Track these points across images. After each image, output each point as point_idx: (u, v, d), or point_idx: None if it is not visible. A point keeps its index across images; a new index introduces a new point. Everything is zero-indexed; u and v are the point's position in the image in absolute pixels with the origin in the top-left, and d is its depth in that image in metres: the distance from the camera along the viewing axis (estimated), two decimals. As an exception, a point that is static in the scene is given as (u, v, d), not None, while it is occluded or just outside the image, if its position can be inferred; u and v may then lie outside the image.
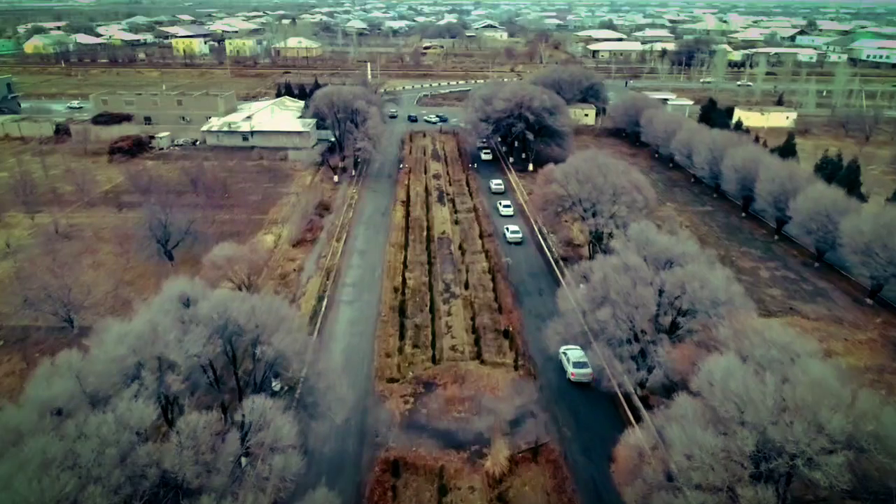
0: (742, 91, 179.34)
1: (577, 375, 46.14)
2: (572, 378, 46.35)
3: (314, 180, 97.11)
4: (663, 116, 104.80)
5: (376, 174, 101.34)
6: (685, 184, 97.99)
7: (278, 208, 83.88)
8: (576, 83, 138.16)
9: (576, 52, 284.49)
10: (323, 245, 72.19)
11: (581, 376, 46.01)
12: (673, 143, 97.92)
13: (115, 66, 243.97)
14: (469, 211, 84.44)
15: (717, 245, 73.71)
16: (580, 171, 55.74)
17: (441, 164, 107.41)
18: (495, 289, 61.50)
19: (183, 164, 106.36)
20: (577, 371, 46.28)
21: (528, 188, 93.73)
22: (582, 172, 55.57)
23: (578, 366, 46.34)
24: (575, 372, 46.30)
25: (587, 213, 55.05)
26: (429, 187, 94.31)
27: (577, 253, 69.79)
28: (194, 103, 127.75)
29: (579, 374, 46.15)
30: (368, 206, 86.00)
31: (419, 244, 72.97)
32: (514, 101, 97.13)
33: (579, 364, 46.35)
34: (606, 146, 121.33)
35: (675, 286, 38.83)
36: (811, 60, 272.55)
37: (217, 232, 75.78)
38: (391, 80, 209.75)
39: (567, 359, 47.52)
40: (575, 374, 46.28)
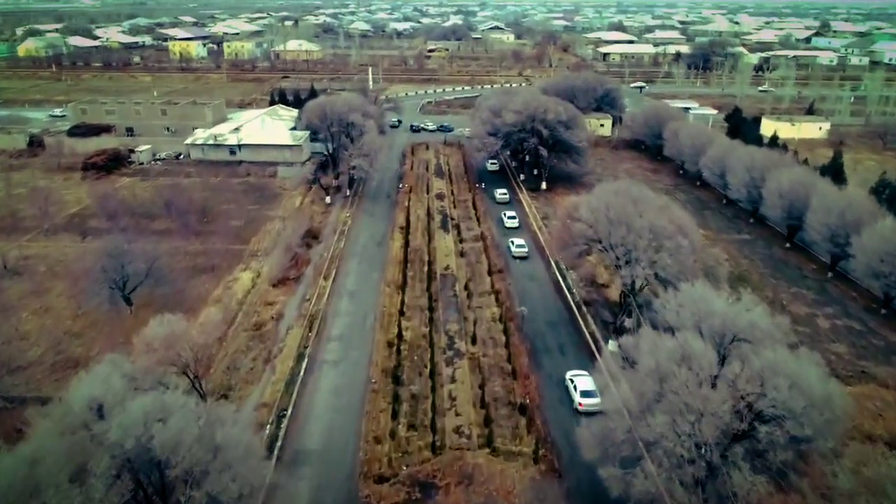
0: (764, 97, 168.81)
1: (586, 405, 43.08)
2: (580, 408, 43.47)
3: (304, 202, 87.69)
4: (690, 130, 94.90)
5: (373, 194, 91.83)
6: (716, 205, 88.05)
7: (261, 237, 74.47)
8: (590, 91, 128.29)
9: (586, 55, 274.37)
10: (308, 284, 62.68)
11: (590, 406, 42.56)
12: (702, 160, 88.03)
13: (109, 69, 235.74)
14: (476, 239, 74.83)
15: (762, 284, 63.88)
16: (611, 207, 46.02)
17: (445, 181, 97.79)
18: (508, 343, 51.87)
19: (163, 181, 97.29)
20: (585, 401, 43.45)
21: (542, 211, 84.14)
22: (613, 209, 45.82)
23: (587, 395, 43.68)
24: (583, 402, 43.52)
25: (620, 260, 45.30)
26: (431, 210, 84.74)
27: (602, 295, 60.08)
28: (180, 113, 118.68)
29: (588, 404, 43.05)
30: (363, 234, 76.48)
31: (419, 283, 63.39)
32: (525, 114, 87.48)
33: (588, 393, 43.72)
34: (625, 160, 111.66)
35: (750, 382, 29.16)
36: (832, 63, 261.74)
37: (188, 267, 66.56)
38: (394, 84, 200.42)
39: (574, 386, 45.08)
40: (583, 403, 43.44)
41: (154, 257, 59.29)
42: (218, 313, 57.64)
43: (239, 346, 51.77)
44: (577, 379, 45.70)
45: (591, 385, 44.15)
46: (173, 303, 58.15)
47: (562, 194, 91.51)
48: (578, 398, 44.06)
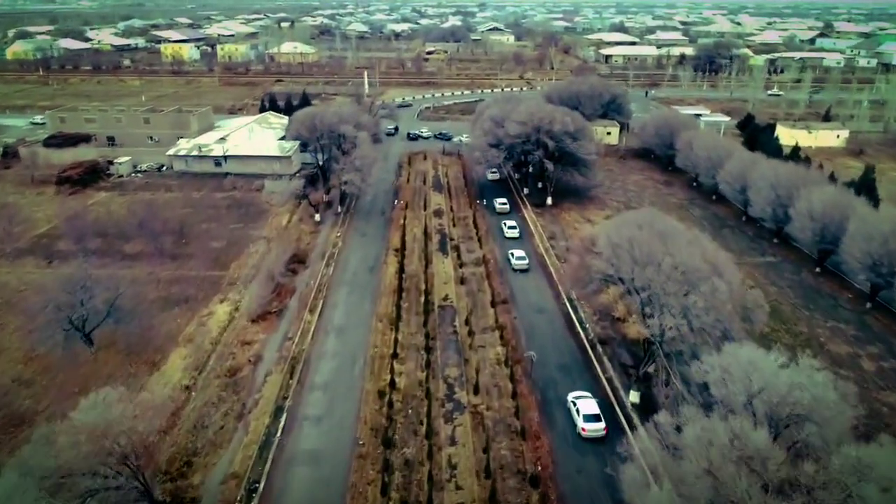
0: (774, 101, 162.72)
1: (589, 431, 40.93)
2: (583, 433, 41.05)
3: (291, 219, 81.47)
4: (706, 141, 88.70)
5: (367, 210, 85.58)
6: (735, 223, 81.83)
7: (242, 261, 68.22)
8: (596, 97, 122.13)
9: (588, 57, 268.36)
10: (292, 319, 56.44)
11: (593, 431, 40.80)
12: (720, 173, 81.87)
13: (99, 73, 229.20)
14: (477, 263, 68.61)
15: (794, 316, 57.78)
16: (635, 243, 39.77)
17: (444, 195, 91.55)
18: (515, 393, 45.66)
19: (142, 196, 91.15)
20: (588, 426, 41.03)
21: (548, 230, 77.93)
22: (638, 246, 39.57)
23: (591, 419, 41.25)
24: (586, 427, 41.07)
25: (647, 306, 39.03)
26: (429, 228, 78.53)
27: (619, 331, 53.69)
28: (164, 121, 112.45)
29: (591, 429, 40.92)
30: (354, 257, 70.21)
31: (415, 316, 57.17)
32: (530, 125, 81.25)
33: (592, 417, 41.35)
34: (634, 171, 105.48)
35: (830, 490, 22.96)
36: (839, 65, 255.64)
37: (160, 297, 60.32)
38: (391, 88, 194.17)
39: (576, 410, 42.35)
40: (586, 429, 41.06)
41: (122, 289, 53.10)
42: (221, 314, 51.59)
43: (209, 398, 45.53)
44: (579, 401, 42.90)
45: (594, 408, 42.03)
46: (140, 342, 52.16)
47: (568, 210, 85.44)
48: (581, 423, 41.39)
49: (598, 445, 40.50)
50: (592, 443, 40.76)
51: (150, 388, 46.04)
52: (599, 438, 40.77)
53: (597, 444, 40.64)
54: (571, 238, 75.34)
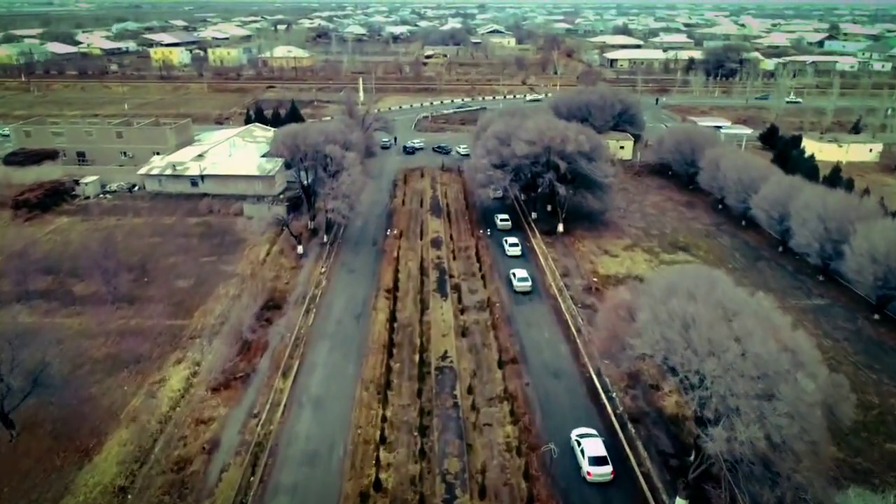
0: (792, 109, 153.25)
1: (595, 475, 37.05)
2: (588, 478, 37.15)
3: (271, 251, 72.25)
4: (736, 160, 79.47)
5: (356, 240, 76.32)
6: (770, 254, 72.62)
7: (210, 307, 58.96)
8: (607, 107, 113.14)
9: (592, 61, 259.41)
10: (260, 386, 47.19)
11: (599, 476, 37.03)
12: (755, 198, 72.70)
13: (84, 78, 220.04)
14: (481, 307, 59.40)
15: (859, 381, 48.49)
16: (689, 321, 30.55)
17: (443, 221, 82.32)
18: (531, 497, 36.40)
19: (107, 221, 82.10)
20: (594, 469, 37.13)
21: (561, 264, 68.72)
22: (694, 326, 30.34)
23: (597, 462, 37.39)
24: (592, 471, 37.16)
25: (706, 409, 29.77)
26: (426, 263, 69.32)
27: (654, 404, 44.61)
28: (138, 135, 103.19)
29: (597, 472, 37.07)
30: (339, 301, 60.93)
31: (407, 381, 47.95)
32: (540, 145, 72.09)
33: (598, 460, 37.48)
34: (652, 190, 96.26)
35: None
36: (853, 69, 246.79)
37: (107, 355, 51.11)
38: (387, 96, 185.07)
39: (581, 450, 38.51)
40: (592, 473, 37.13)
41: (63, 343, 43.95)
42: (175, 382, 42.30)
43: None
44: (584, 441, 39.08)
45: (601, 449, 38.23)
46: (74, 421, 43.01)
47: (581, 238, 76.28)
48: (587, 466, 37.46)
49: None
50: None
51: (76, 491, 36.85)
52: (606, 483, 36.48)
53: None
54: (587, 274, 66.31)
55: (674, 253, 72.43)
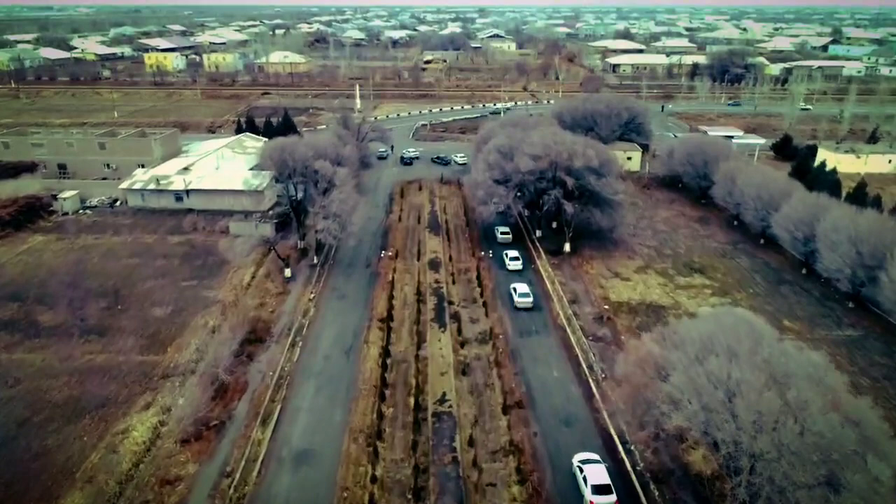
0: (802, 116, 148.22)
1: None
2: None
3: (257, 273, 67.25)
4: (755, 176, 74.51)
5: (348, 261, 71.28)
6: (793, 277, 67.54)
7: (186, 340, 53.90)
8: (613, 116, 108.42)
9: (594, 66, 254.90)
10: (236, 437, 42.12)
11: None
12: (776, 217, 67.73)
13: (76, 84, 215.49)
14: (483, 340, 54.37)
15: (905, 428, 43.34)
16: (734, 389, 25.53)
17: (441, 239, 77.34)
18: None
19: (84, 240, 77.24)
20: (597, 499, 34.77)
21: (568, 289, 63.69)
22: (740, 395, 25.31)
23: (600, 491, 34.98)
24: (595, 500, 34.88)
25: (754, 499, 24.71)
26: (423, 288, 64.31)
27: (679, 460, 39.38)
28: (121, 147, 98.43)
29: (601, 502, 34.64)
30: (328, 333, 55.87)
31: (401, 430, 42.88)
32: (546, 160, 67.17)
33: (601, 488, 35.10)
34: (662, 205, 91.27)
35: None
36: (860, 74, 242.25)
37: (69, 398, 46.11)
38: (385, 102, 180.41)
39: (584, 478, 36.32)
40: (594, 502, 34.84)
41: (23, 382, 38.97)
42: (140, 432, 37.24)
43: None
44: (587, 467, 36.96)
45: (605, 477, 36.14)
46: (19, 482, 37.90)
47: (590, 259, 71.27)
48: (590, 495, 35.31)
49: None
50: None
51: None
52: None
53: None
54: (597, 301, 61.28)
55: (689, 276, 67.40)
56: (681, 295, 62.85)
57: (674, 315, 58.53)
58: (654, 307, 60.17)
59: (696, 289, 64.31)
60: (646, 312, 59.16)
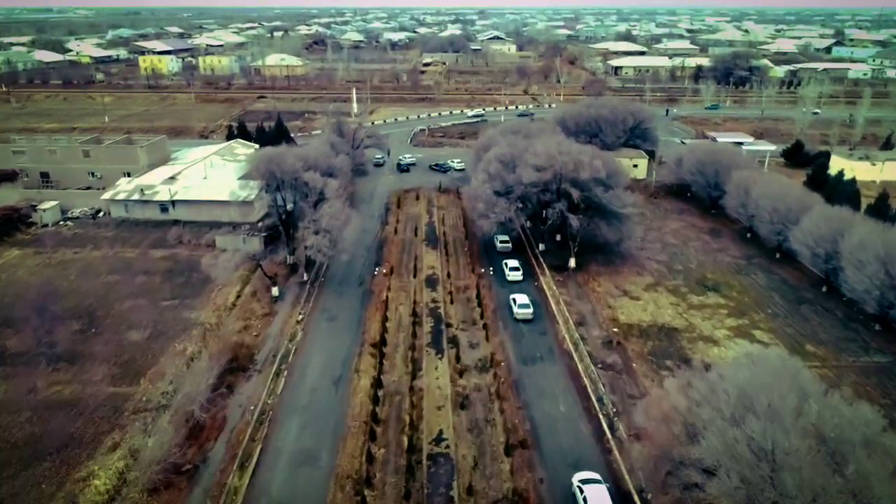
0: (812, 121, 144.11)
1: None
2: None
3: (243, 291, 63.25)
4: (771, 187, 70.50)
5: (340, 278, 67.24)
6: (813, 295, 63.41)
7: (163, 368, 49.81)
8: (618, 122, 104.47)
9: (596, 69, 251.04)
10: (210, 484, 38.06)
11: None
12: (794, 231, 63.69)
13: (68, 88, 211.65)
14: (483, 367, 50.36)
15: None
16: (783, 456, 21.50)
17: (439, 254, 73.29)
18: None
19: (63, 255, 73.31)
20: None
21: (575, 309, 59.65)
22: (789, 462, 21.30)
23: None
24: None
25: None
26: (419, 307, 60.30)
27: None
28: (106, 154, 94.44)
29: None
30: (316, 360, 51.79)
31: (392, 477, 38.81)
32: (550, 171, 63.19)
33: None
34: (671, 215, 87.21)
35: None
36: (866, 77, 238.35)
37: (30, 437, 42.15)
38: (382, 106, 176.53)
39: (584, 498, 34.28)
40: None
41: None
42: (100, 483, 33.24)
43: None
44: (587, 487, 35.46)
45: (606, 499, 34.41)
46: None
47: (596, 276, 67.22)
48: None
49: None
50: None
51: None
52: None
53: None
54: (605, 322, 57.23)
55: (703, 294, 63.34)
56: (695, 316, 58.81)
57: (688, 339, 54.61)
58: (667, 330, 56.14)
59: (710, 309, 60.28)
60: (658, 336, 55.14)
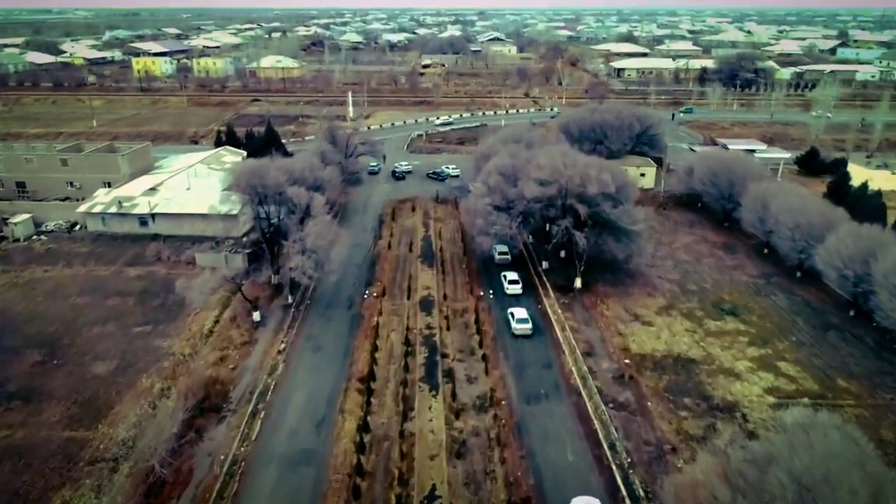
0: (822, 125, 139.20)
1: None
2: None
3: (222, 316, 58.37)
4: (791, 201, 65.44)
5: (328, 300, 62.26)
6: (841, 320, 58.41)
7: (127, 407, 44.88)
8: (625, 128, 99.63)
9: (598, 71, 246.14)
10: (167, 555, 33.21)
11: None
12: (820, 251, 58.74)
13: (60, 90, 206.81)
14: (482, 407, 45.45)
15: None
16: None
17: (435, 272, 68.33)
18: None
19: (32, 272, 68.45)
20: None
21: (583, 337, 54.76)
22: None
23: None
24: None
25: None
26: (412, 334, 55.41)
27: None
28: (86, 163, 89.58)
29: None
30: (296, 399, 46.81)
31: (378, 544, 33.93)
32: (555, 186, 58.28)
33: None
34: (681, 228, 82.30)
35: None
36: (874, 79, 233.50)
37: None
38: (380, 110, 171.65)
39: None
40: None
41: None
42: None
43: None
44: None
45: None
46: None
47: (604, 297, 62.31)
48: None
49: None
50: None
51: None
52: None
53: None
54: (616, 353, 52.33)
55: (720, 319, 58.43)
56: (713, 345, 53.91)
57: (707, 372, 49.71)
58: (684, 361, 51.26)
59: (729, 336, 55.38)
60: (674, 369, 50.25)
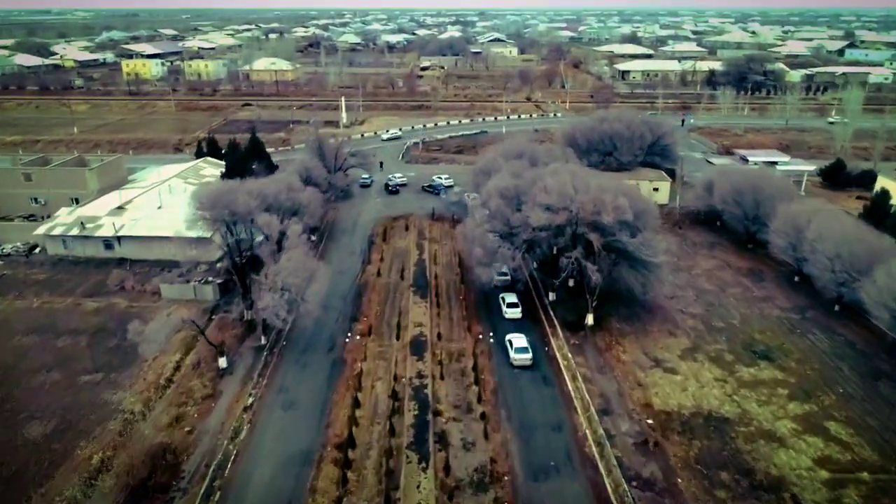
0: (849, 133, 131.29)
1: None
2: None
3: (184, 362, 51.09)
4: (831, 226, 57.87)
5: (307, 341, 54.84)
6: (890, 365, 51.05)
7: (57, 485, 37.62)
8: (636, 138, 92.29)
9: (602, 73, 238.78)
10: None
11: None
12: (868, 288, 51.34)
13: (46, 94, 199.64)
14: (480, 485, 38.10)
15: None
16: None
17: (429, 306, 60.84)
18: None
19: (-21, 305, 61.04)
20: None
21: (596, 386, 47.42)
22: None
23: None
24: None
25: None
26: (400, 385, 48.07)
27: None
28: (51, 178, 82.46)
29: None
30: (260, 474, 39.40)
31: None
32: (564, 214, 50.96)
33: None
34: (701, 250, 74.87)
35: None
36: (888, 82, 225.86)
37: None
38: (375, 115, 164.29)
39: None
40: None
41: None
42: None
43: None
44: None
45: None
46: None
47: (620, 337, 54.95)
48: None
49: None
50: None
51: None
52: None
53: None
54: (637, 410, 44.95)
55: (753, 364, 51.08)
56: (748, 399, 46.58)
57: (744, 436, 42.39)
58: (716, 421, 43.92)
59: (766, 387, 48.03)
60: (706, 431, 42.90)
